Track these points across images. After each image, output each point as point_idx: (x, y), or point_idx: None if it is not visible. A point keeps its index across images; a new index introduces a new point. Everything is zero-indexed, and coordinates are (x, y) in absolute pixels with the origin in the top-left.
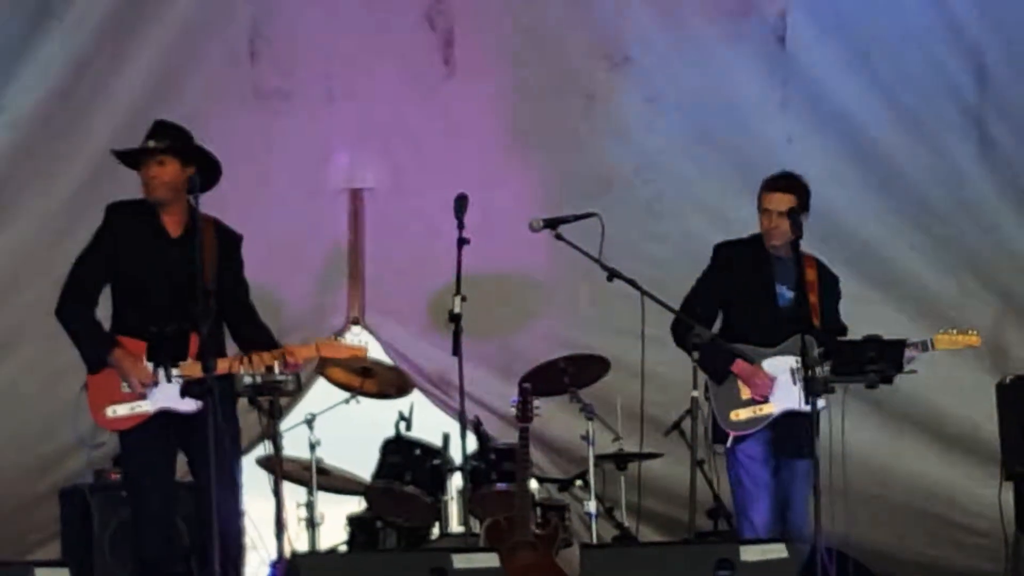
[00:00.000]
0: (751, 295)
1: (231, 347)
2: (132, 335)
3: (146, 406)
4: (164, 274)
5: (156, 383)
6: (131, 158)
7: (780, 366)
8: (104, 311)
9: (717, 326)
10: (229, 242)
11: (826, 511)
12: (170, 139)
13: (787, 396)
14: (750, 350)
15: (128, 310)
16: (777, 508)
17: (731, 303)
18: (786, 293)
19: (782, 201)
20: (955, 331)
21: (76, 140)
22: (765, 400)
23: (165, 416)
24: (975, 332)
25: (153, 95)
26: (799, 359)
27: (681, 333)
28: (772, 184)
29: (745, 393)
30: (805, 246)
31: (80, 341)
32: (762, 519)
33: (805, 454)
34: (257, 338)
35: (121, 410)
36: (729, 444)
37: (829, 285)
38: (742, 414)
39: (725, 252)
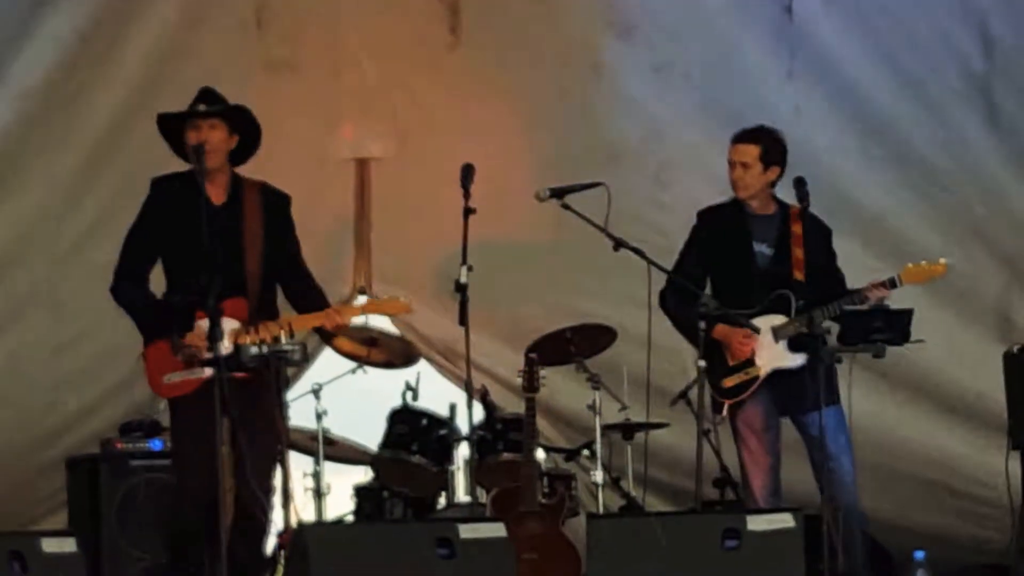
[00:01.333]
0: (729, 257)
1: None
2: None
3: (200, 372)
4: (209, 241)
5: (179, 348)
6: (176, 123)
7: (762, 326)
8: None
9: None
10: (276, 204)
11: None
12: (219, 104)
13: (772, 355)
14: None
15: (179, 278)
16: (776, 478)
17: (713, 267)
18: (765, 251)
19: (744, 152)
20: (924, 262)
21: (81, 113)
22: (751, 363)
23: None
24: (942, 260)
25: (159, 66)
26: (781, 317)
27: (667, 303)
28: (736, 136)
29: (732, 359)
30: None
31: (134, 316)
32: (760, 489)
33: (812, 406)
34: (309, 299)
35: (176, 377)
36: (724, 413)
37: (817, 237)
38: (732, 380)
39: (706, 217)
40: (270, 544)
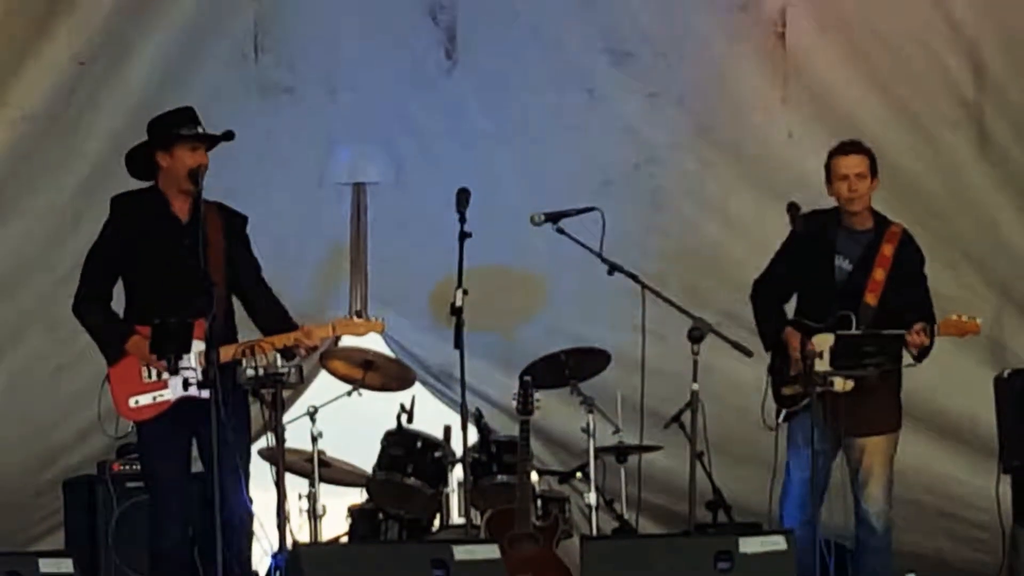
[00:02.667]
0: (810, 268)
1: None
2: (147, 322)
3: (167, 395)
4: (176, 259)
5: (177, 369)
6: (161, 143)
7: (822, 344)
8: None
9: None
10: (234, 223)
11: (824, 503)
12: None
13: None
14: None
15: (143, 297)
16: (807, 493)
17: (800, 272)
18: (845, 266)
19: (859, 163)
20: (965, 316)
21: (81, 136)
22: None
23: (185, 403)
24: (978, 320)
25: (158, 90)
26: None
27: (755, 295)
28: (843, 148)
29: (792, 368)
30: None
31: (97, 335)
32: (788, 508)
33: (856, 431)
34: (274, 316)
35: (143, 400)
36: (781, 420)
37: (905, 262)
38: (789, 390)
39: (800, 223)
40: (264, 565)
